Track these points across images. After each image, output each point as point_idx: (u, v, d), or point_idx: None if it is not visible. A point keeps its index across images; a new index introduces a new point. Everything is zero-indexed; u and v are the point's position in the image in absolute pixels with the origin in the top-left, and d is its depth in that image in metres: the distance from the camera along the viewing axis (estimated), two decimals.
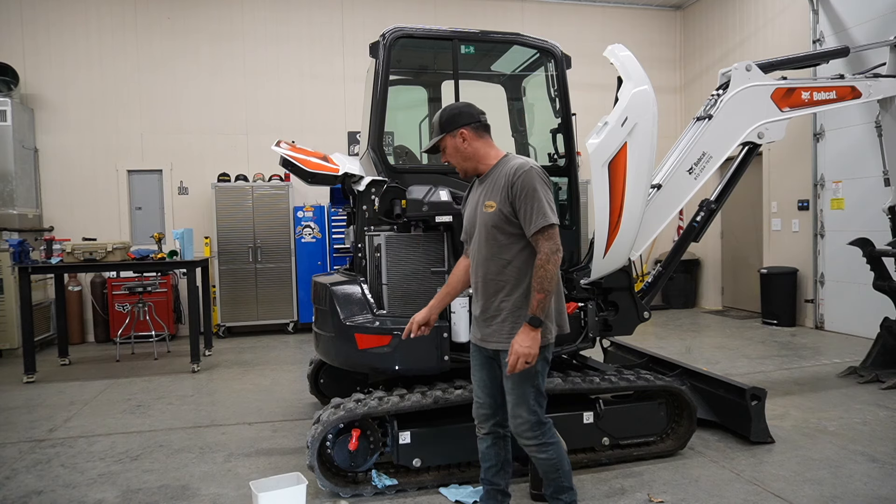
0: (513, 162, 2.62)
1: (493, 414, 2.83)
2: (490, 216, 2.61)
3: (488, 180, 2.68)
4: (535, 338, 2.50)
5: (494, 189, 2.62)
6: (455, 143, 2.67)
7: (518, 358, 2.47)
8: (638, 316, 4.12)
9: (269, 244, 8.45)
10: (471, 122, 2.67)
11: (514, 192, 2.54)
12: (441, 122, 2.69)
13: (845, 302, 7.43)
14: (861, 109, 6.71)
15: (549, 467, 2.70)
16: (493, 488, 2.91)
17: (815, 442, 4.00)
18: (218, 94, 8.79)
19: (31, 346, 6.02)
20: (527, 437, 2.66)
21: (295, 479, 3.03)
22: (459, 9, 9.43)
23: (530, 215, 2.51)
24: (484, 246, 2.66)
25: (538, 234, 2.50)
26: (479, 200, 2.70)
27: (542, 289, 2.48)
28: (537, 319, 2.49)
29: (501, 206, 2.57)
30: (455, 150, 2.69)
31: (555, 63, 4.07)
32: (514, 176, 2.55)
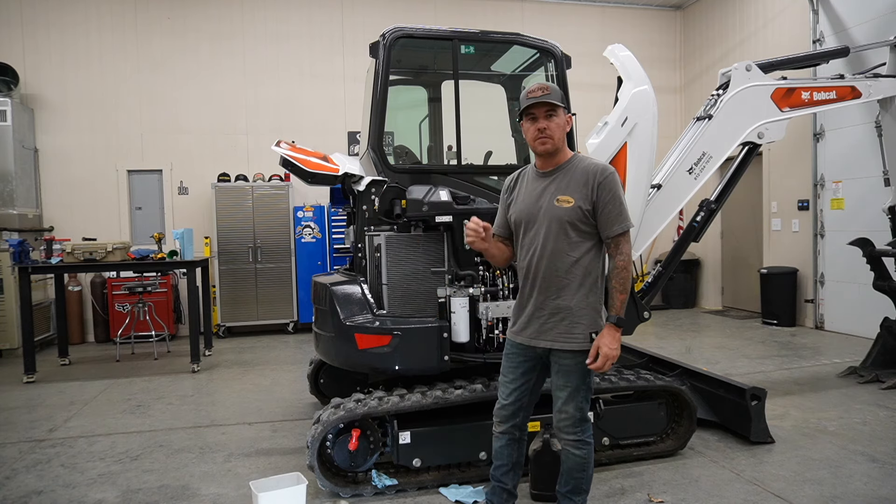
0: (591, 162, 2.64)
1: (514, 415, 2.82)
2: (566, 211, 2.58)
3: (560, 174, 2.65)
4: (619, 338, 2.55)
5: (572, 185, 2.60)
6: (566, 120, 2.66)
7: (607, 360, 2.51)
8: (638, 316, 4.12)
9: (269, 244, 8.45)
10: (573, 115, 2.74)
11: (600, 192, 2.56)
12: (561, 95, 2.63)
13: (845, 302, 7.43)
14: (861, 109, 6.71)
15: (577, 465, 2.70)
16: (500, 486, 2.93)
17: (815, 442, 4.00)
18: (218, 93, 8.79)
19: (31, 346, 6.02)
20: (568, 431, 2.67)
21: (295, 479, 3.03)
22: (459, 9, 9.43)
23: (615, 217, 2.55)
24: (552, 240, 2.61)
25: (620, 236, 2.54)
26: (545, 193, 2.65)
27: (625, 289, 2.55)
28: (621, 320, 2.54)
29: (581, 202, 2.57)
30: (562, 126, 2.63)
31: (555, 63, 4.07)
32: (601, 176, 2.57)
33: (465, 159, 3.99)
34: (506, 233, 2.85)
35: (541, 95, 2.59)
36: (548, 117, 2.60)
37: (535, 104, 2.60)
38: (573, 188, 2.60)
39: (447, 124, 4.27)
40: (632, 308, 4.09)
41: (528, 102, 2.60)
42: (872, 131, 6.29)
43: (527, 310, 2.71)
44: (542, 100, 2.58)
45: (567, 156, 2.70)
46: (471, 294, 3.57)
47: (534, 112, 2.61)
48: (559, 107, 2.60)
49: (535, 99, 2.59)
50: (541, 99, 2.58)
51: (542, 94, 2.59)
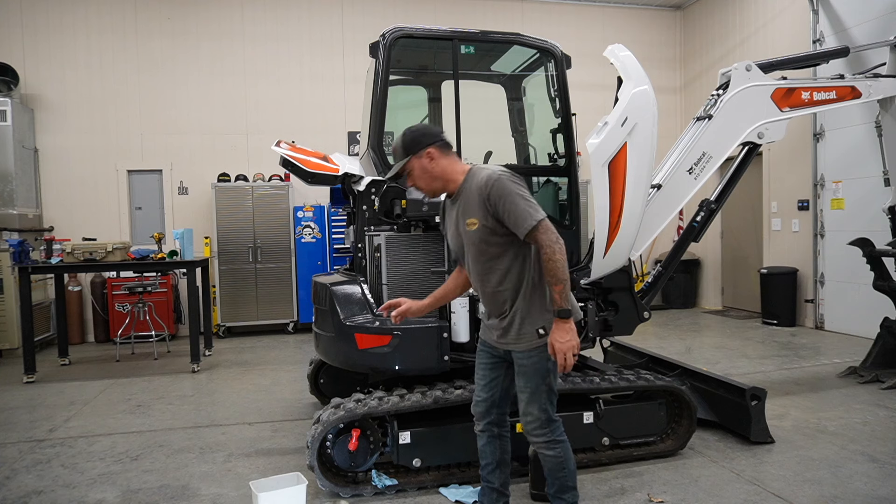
0: (480, 174, 2.57)
1: (489, 411, 2.85)
2: (475, 233, 2.59)
3: (461, 198, 2.64)
4: (571, 328, 2.51)
5: (470, 205, 2.59)
6: (422, 163, 2.60)
7: (564, 354, 2.49)
8: (638, 316, 4.12)
9: (269, 244, 8.45)
10: (436, 141, 2.61)
11: (493, 204, 2.51)
12: (405, 145, 2.61)
13: (845, 302, 7.43)
14: (861, 109, 6.70)
15: (555, 465, 2.70)
16: (488, 486, 2.95)
17: (815, 442, 4.00)
18: (218, 94, 8.79)
19: (31, 346, 6.02)
20: (536, 434, 2.67)
21: (295, 479, 3.03)
22: (459, 9, 9.42)
23: (516, 218, 2.49)
24: (479, 260, 2.65)
25: (533, 232, 2.49)
26: (458, 219, 2.66)
27: (558, 280, 2.48)
28: (565, 311, 2.51)
29: (483, 220, 2.55)
30: (423, 171, 2.61)
31: (555, 63, 4.07)
32: (487, 188, 2.51)
33: (464, 159, 3.99)
34: (457, 258, 2.86)
35: (393, 163, 2.68)
36: (408, 176, 2.65)
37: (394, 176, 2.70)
38: (472, 209, 2.58)
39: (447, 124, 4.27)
40: (632, 308, 4.09)
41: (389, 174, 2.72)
42: (872, 131, 6.29)
43: (485, 321, 2.83)
44: (394, 170, 2.65)
45: (460, 178, 2.65)
46: (471, 294, 3.57)
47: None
48: (405, 163, 2.60)
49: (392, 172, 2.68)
50: (393, 170, 2.66)
51: (393, 161, 2.69)
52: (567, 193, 4.18)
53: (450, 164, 2.65)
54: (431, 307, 2.92)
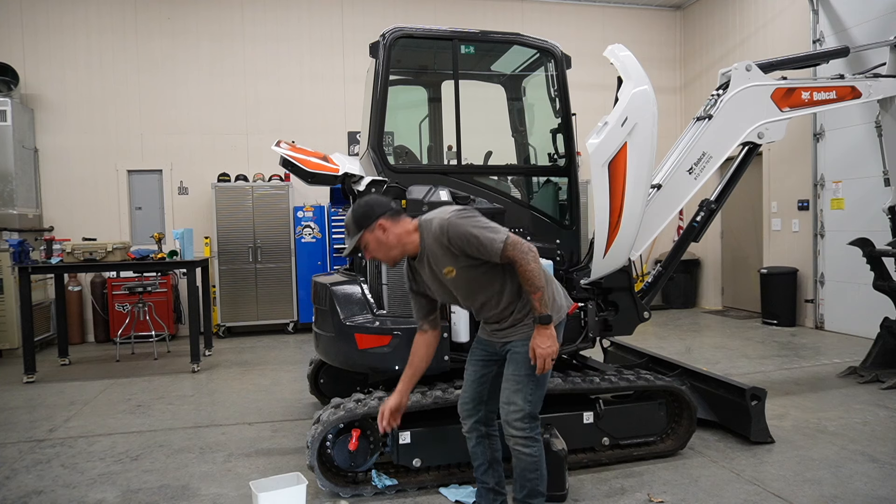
0: (431, 226, 2.57)
1: (475, 410, 2.87)
2: (458, 277, 2.60)
3: (426, 254, 2.62)
4: (551, 334, 2.55)
5: (438, 258, 2.59)
6: (376, 236, 2.58)
7: (544, 359, 2.53)
8: (638, 316, 4.12)
9: (269, 244, 8.45)
10: (386, 212, 2.59)
11: (456, 247, 2.52)
12: (356, 221, 2.59)
13: (845, 302, 7.43)
14: (861, 109, 6.70)
15: (529, 465, 2.68)
16: (483, 486, 2.95)
17: (815, 442, 4.00)
18: (218, 94, 8.79)
19: (31, 346, 6.02)
20: (515, 426, 2.65)
21: (295, 479, 3.03)
22: (459, 9, 9.42)
23: (484, 250, 2.50)
24: (475, 296, 2.69)
25: (503, 253, 2.50)
26: (434, 273, 2.65)
27: (536, 287, 2.52)
28: (546, 317, 2.53)
29: (457, 263, 2.57)
30: (378, 243, 2.59)
31: (555, 63, 4.07)
32: (443, 236, 2.52)
33: (465, 159, 4.00)
34: (427, 311, 2.85)
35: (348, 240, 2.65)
36: (365, 249, 2.64)
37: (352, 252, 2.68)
38: (442, 260, 2.58)
39: (447, 124, 4.28)
40: (632, 308, 4.09)
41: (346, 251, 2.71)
42: (872, 131, 6.29)
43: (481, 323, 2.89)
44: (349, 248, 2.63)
45: (415, 238, 2.63)
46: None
47: None
48: (359, 238, 2.59)
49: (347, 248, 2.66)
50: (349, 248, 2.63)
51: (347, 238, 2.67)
52: (567, 193, 4.18)
53: (402, 229, 2.62)
54: (408, 391, 2.88)
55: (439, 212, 2.62)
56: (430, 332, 2.86)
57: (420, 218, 2.68)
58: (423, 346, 2.86)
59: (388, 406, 2.82)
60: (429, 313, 2.85)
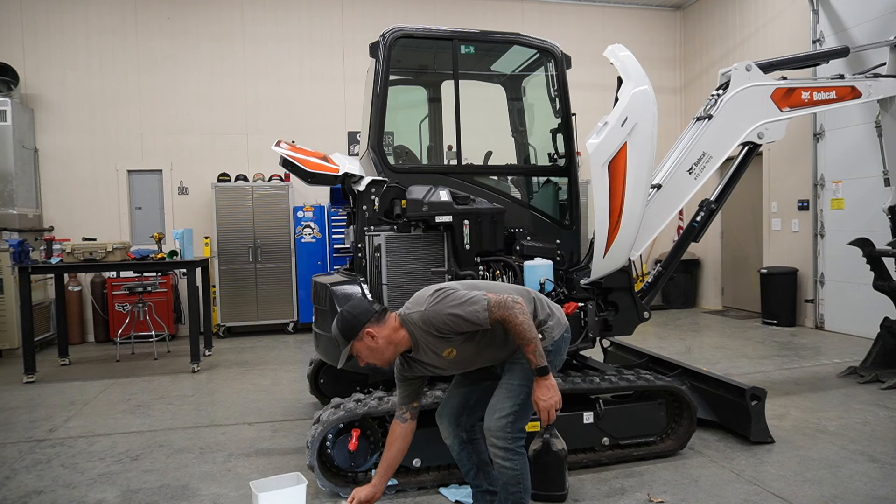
0: (416, 321, 2.55)
1: (457, 414, 2.88)
2: (460, 351, 2.60)
3: (420, 349, 2.61)
4: (552, 385, 2.53)
5: (435, 345, 2.58)
6: (366, 344, 2.56)
7: (547, 411, 2.52)
8: (638, 316, 4.12)
9: (269, 244, 8.45)
10: (370, 318, 2.56)
11: (446, 333, 2.52)
12: (343, 333, 2.56)
13: (845, 302, 7.43)
14: (861, 109, 6.70)
15: (510, 479, 2.66)
16: (477, 490, 2.96)
17: (815, 442, 4.00)
18: (218, 94, 8.79)
19: (31, 346, 6.02)
20: (497, 436, 2.63)
21: (295, 479, 3.03)
22: (459, 9, 9.42)
23: (471, 321, 2.49)
24: (482, 358, 2.70)
25: (490, 318, 2.50)
26: (434, 359, 2.64)
27: (527, 340, 2.50)
28: (543, 368, 2.52)
29: (454, 342, 2.57)
30: (369, 350, 2.57)
31: (555, 63, 4.07)
32: (431, 328, 2.52)
33: (465, 159, 4.00)
34: (412, 398, 2.83)
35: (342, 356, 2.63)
36: (358, 357, 2.61)
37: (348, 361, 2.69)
38: (440, 345, 2.58)
39: (447, 124, 4.28)
40: (632, 308, 4.09)
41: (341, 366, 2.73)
42: (872, 131, 6.29)
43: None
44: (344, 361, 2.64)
45: (402, 334, 2.59)
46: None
47: None
48: (349, 349, 2.57)
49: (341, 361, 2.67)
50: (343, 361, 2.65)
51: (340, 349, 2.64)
52: (567, 193, 4.18)
53: (390, 331, 2.58)
54: (383, 485, 2.85)
55: (416, 303, 2.60)
56: (409, 422, 2.82)
57: (400, 313, 2.62)
58: (400, 438, 2.81)
59: (360, 495, 2.77)
60: (413, 399, 2.82)
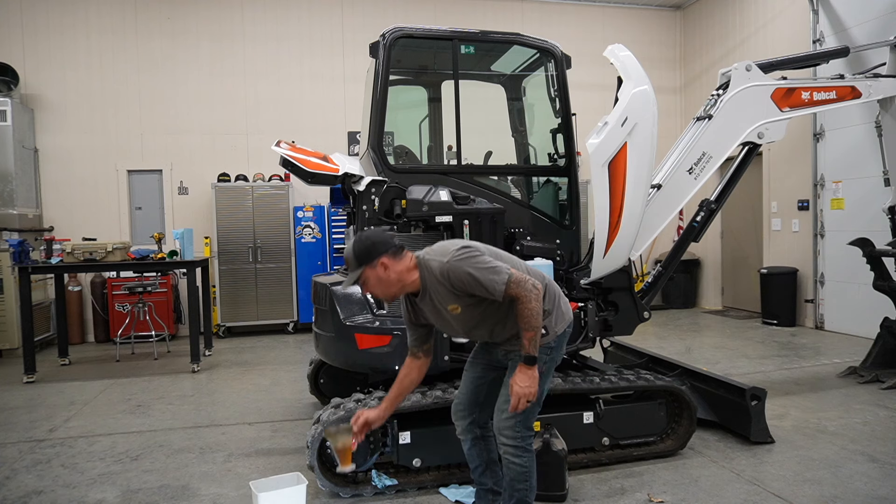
0: (432, 266, 2.54)
1: (469, 412, 2.87)
2: (464, 313, 2.60)
3: (428, 291, 2.60)
4: (534, 376, 2.53)
5: (442, 295, 2.57)
6: (377, 273, 2.53)
7: (520, 399, 2.51)
8: (638, 316, 4.12)
9: (269, 244, 8.45)
10: (388, 249, 2.54)
11: (459, 289, 2.51)
12: (357, 256, 2.54)
13: (845, 302, 7.43)
14: (861, 109, 6.70)
15: (518, 475, 2.66)
16: (481, 488, 2.95)
17: (815, 442, 4.00)
18: (218, 94, 8.79)
19: (31, 346, 6.02)
20: (507, 434, 2.63)
21: (295, 479, 3.03)
22: (459, 9, 9.42)
23: (486, 290, 2.49)
24: (482, 327, 2.68)
25: (506, 292, 2.48)
26: (438, 308, 2.63)
27: (531, 327, 2.49)
28: (532, 358, 2.51)
29: (462, 301, 2.56)
30: (378, 280, 2.55)
31: (555, 63, 4.07)
32: (445, 279, 2.51)
33: (465, 159, 4.00)
34: (422, 341, 2.82)
35: (348, 274, 2.61)
36: (364, 284, 2.60)
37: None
38: (446, 298, 2.57)
39: (447, 124, 4.28)
40: (632, 308, 4.09)
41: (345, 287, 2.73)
42: (872, 131, 6.29)
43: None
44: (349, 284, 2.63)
45: (414, 275, 2.59)
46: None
47: None
48: (359, 273, 2.54)
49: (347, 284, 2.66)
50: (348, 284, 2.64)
51: (347, 272, 2.63)
52: (567, 193, 4.18)
53: (403, 267, 2.57)
54: (388, 412, 2.84)
55: (439, 252, 2.58)
56: (423, 359, 2.83)
57: (419, 256, 2.62)
58: (415, 369, 2.83)
59: (365, 416, 2.76)
60: (424, 342, 2.82)
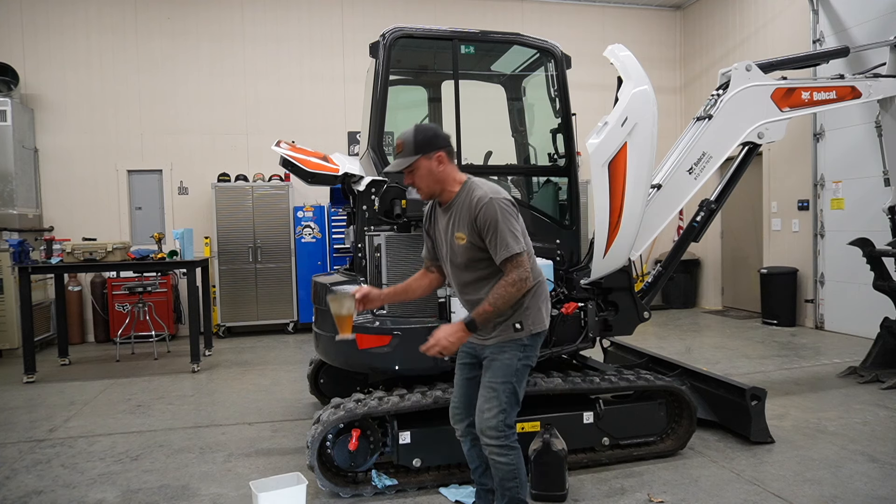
0: (476, 192, 2.56)
1: (466, 414, 2.85)
2: (463, 248, 2.60)
3: (454, 208, 2.62)
4: (461, 337, 2.53)
5: (461, 220, 2.59)
6: (430, 165, 2.56)
7: (436, 344, 2.51)
8: (638, 316, 4.12)
9: (269, 244, 8.45)
10: (447, 146, 2.59)
11: (479, 226, 2.52)
12: (417, 143, 2.55)
13: (845, 302, 7.43)
14: (861, 109, 6.70)
15: (506, 474, 2.65)
16: (482, 488, 2.95)
17: (815, 442, 4.00)
18: (218, 94, 8.79)
19: (31, 346, 6.02)
20: (490, 435, 2.62)
21: (295, 479, 3.03)
22: (459, 9, 9.42)
23: (495, 246, 2.50)
24: (464, 272, 2.67)
25: (506, 262, 2.50)
26: (448, 228, 2.66)
27: (494, 304, 2.50)
28: (472, 323, 2.52)
29: (471, 238, 2.56)
30: (429, 172, 2.57)
31: (555, 63, 4.07)
32: (476, 209, 2.51)
33: (465, 159, 4.00)
34: (433, 256, 2.86)
35: (396, 157, 2.62)
36: (409, 173, 2.61)
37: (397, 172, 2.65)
38: (462, 224, 2.58)
39: (447, 124, 4.27)
40: (632, 308, 4.09)
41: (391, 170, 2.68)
42: (872, 131, 6.29)
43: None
44: (397, 167, 2.60)
45: (457, 188, 2.63)
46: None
47: None
48: (414, 161, 2.55)
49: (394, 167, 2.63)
50: (396, 167, 2.61)
51: (396, 156, 2.62)
52: (567, 193, 4.18)
53: (452, 171, 2.64)
54: (388, 299, 2.86)
55: (490, 188, 2.57)
56: (435, 274, 2.85)
57: (469, 178, 2.65)
58: (425, 278, 2.86)
59: (369, 290, 2.71)
60: (435, 259, 2.84)
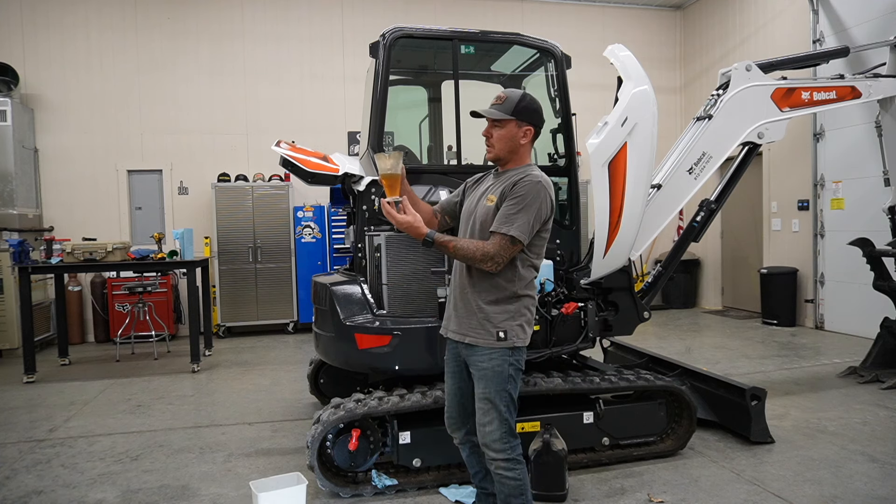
0: (528, 172, 2.55)
1: (462, 423, 2.79)
2: (486, 209, 2.57)
3: (502, 178, 2.61)
4: (409, 229, 2.44)
5: (498, 187, 2.58)
6: (516, 132, 2.57)
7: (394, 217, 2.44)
8: (638, 316, 4.12)
9: (269, 244, 8.46)
10: (538, 127, 2.63)
11: (506, 195, 2.50)
12: (518, 106, 2.55)
13: (845, 302, 7.43)
14: (861, 109, 6.71)
15: (513, 489, 2.53)
16: (482, 492, 2.92)
17: (815, 442, 4.00)
18: (218, 94, 8.79)
19: (31, 346, 6.02)
20: (495, 448, 2.52)
21: (295, 479, 3.03)
22: (459, 9, 9.42)
23: (503, 215, 2.47)
24: (475, 228, 2.61)
25: (497, 234, 2.45)
26: (485, 192, 2.65)
27: (456, 246, 2.46)
28: (430, 242, 2.46)
29: (499, 202, 2.53)
30: (511, 137, 2.57)
31: (555, 63, 4.07)
32: (516, 181, 2.51)
33: (465, 159, 4.00)
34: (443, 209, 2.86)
35: (492, 105, 2.59)
36: (493, 126, 2.60)
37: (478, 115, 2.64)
38: (497, 189, 2.57)
39: (447, 124, 4.28)
40: (632, 308, 4.09)
41: (480, 110, 2.63)
42: (872, 131, 6.29)
43: (451, 303, 2.70)
44: (487, 113, 2.58)
45: (517, 165, 2.62)
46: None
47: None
48: (507, 120, 2.55)
49: (485, 111, 2.60)
50: (487, 112, 2.58)
51: (493, 104, 2.59)
52: (567, 193, 4.17)
53: (527, 150, 2.66)
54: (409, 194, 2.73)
55: (545, 178, 2.57)
56: (437, 220, 2.86)
57: (534, 164, 2.67)
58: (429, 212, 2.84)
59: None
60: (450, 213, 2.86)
